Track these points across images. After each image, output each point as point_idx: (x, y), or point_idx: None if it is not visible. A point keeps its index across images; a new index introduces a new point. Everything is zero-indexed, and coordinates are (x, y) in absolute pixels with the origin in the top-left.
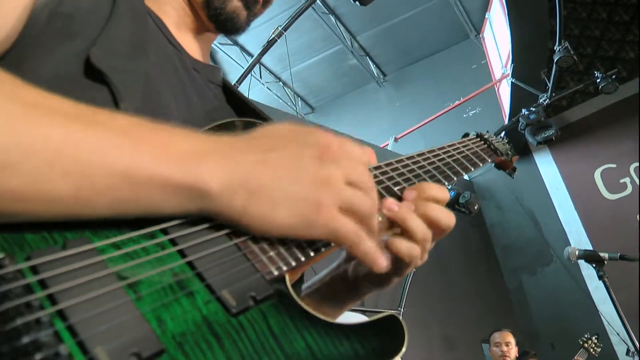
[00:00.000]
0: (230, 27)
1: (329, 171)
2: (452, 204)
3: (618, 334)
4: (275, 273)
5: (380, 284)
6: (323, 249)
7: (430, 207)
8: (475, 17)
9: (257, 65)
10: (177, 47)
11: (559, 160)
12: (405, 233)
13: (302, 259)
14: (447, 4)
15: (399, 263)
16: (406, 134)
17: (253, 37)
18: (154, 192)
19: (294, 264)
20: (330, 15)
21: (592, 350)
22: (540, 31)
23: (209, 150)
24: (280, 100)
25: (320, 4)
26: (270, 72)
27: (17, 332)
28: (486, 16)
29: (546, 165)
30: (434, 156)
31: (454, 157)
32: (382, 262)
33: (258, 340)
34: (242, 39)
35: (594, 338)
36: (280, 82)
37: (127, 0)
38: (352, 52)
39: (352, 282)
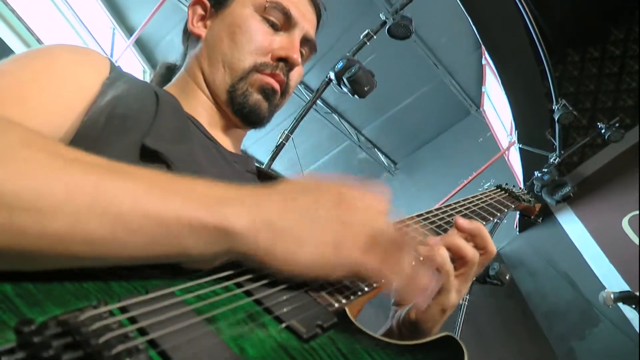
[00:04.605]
0: (254, 119)
1: (347, 215)
2: (482, 278)
3: None
4: (336, 305)
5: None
6: (367, 289)
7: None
8: (472, 92)
9: None
10: (214, 141)
11: (582, 216)
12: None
13: (359, 293)
14: (443, 84)
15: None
16: None
17: (261, 146)
18: (182, 233)
19: (352, 297)
20: (334, 114)
21: None
22: (535, 95)
23: (233, 196)
24: None
25: (321, 104)
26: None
27: (120, 356)
28: (483, 89)
29: (570, 223)
30: (460, 206)
31: (479, 206)
32: (417, 290)
33: None
34: (251, 149)
35: None
36: None
37: (168, 102)
38: (359, 146)
39: (398, 329)
